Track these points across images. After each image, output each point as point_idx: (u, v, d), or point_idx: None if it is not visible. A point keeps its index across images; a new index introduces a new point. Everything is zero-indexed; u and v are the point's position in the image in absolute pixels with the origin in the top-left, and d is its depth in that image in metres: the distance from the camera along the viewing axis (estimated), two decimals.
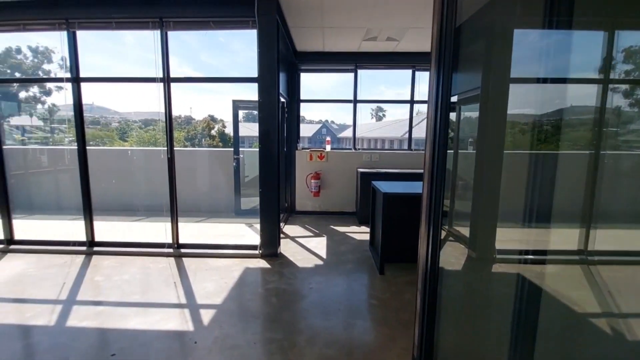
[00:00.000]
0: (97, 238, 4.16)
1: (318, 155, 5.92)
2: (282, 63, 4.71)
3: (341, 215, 6.02)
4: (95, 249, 4.06)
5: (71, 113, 3.97)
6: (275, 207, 3.93)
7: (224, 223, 5.51)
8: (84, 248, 4.06)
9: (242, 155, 5.92)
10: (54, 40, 3.62)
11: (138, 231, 5.09)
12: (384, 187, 3.61)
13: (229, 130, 6.91)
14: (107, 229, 5.08)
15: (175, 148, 4.00)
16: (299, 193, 6.04)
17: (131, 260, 3.87)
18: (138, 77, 3.95)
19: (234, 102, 5.67)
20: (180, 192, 4.08)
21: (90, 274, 3.49)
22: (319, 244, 4.49)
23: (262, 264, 3.79)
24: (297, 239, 4.72)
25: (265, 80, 3.73)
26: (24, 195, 6.41)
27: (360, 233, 5.00)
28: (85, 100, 3.99)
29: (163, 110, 3.87)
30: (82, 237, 4.08)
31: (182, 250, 4.02)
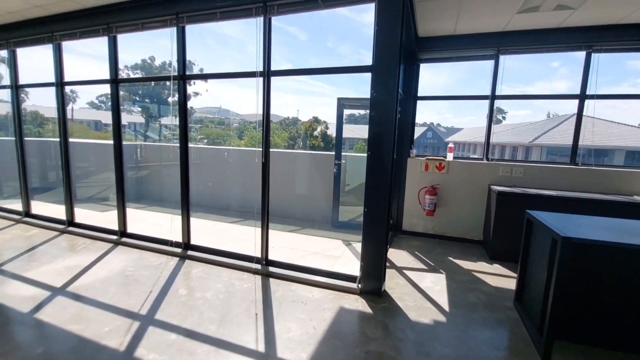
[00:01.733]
0: (193, 239, 4.00)
1: (436, 164, 4.75)
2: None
3: (462, 243, 4.71)
4: (189, 252, 3.88)
5: (204, 115, 3.87)
6: (383, 230, 3.03)
7: (318, 236, 4.88)
8: (179, 250, 3.94)
9: (344, 161, 5.21)
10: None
11: (230, 235, 4.87)
12: (561, 225, 2.31)
13: (332, 131, 6.36)
14: (203, 228, 5.04)
15: (272, 150, 3.51)
16: (408, 209, 4.98)
17: (218, 272, 3.52)
18: (238, 72, 3.59)
19: (340, 100, 4.98)
20: (275, 196, 3.59)
21: (177, 283, 3.23)
22: (436, 284, 3.38)
23: (362, 305, 2.93)
24: (405, 271, 3.71)
25: (382, 69, 2.86)
26: (150, 188, 7.11)
27: (496, 275, 3.66)
28: (214, 103, 3.86)
29: (261, 109, 3.40)
30: (180, 237, 3.96)
31: (270, 269, 3.49)
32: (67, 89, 4.53)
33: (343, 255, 4.09)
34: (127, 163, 7.12)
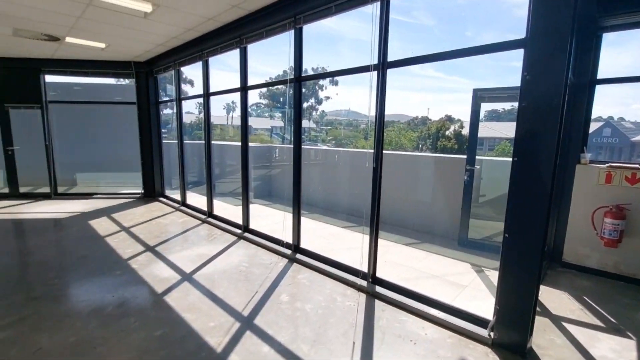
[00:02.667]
0: (303, 241, 3.95)
1: (627, 175, 3.30)
2: None
3: None
4: (298, 255, 3.84)
5: (334, 117, 3.87)
6: (534, 262, 2.16)
7: (439, 255, 4.12)
8: (289, 252, 3.94)
9: (478, 167, 4.25)
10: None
11: (339, 241, 4.64)
12: None
13: (467, 130, 5.38)
14: (314, 229, 4.99)
15: (390, 152, 3.06)
16: (573, 234, 3.66)
17: (322, 281, 3.31)
18: (350, 68, 3.27)
19: (476, 92, 4.07)
20: (390, 203, 3.13)
21: (281, 287, 3.18)
22: (620, 356, 2.25)
23: None
24: (565, 323, 2.65)
25: (540, 42, 2.03)
26: (277, 186, 7.69)
27: None
28: (342, 106, 3.78)
29: (374, 106, 2.99)
30: (291, 238, 3.97)
31: (377, 289, 3.05)
32: (229, 99, 5.24)
33: (471, 285, 3.27)
34: (262, 162, 7.90)
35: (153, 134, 6.86)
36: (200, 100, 5.40)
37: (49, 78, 6.63)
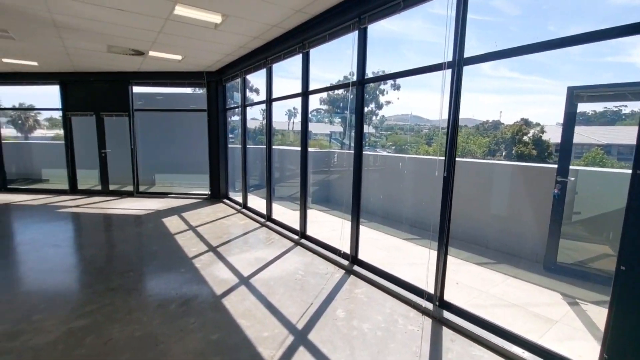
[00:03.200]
0: (361, 252, 3.73)
1: None
2: None
3: None
4: (355, 267, 3.63)
5: (395, 122, 3.70)
6: None
7: (520, 280, 3.56)
8: (346, 263, 3.76)
9: (572, 179, 3.59)
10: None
11: (402, 255, 4.30)
12: None
13: (548, 136, 4.62)
14: (373, 240, 4.71)
15: (461, 159, 2.72)
16: None
17: (382, 298, 3.06)
18: (419, 67, 2.98)
19: (572, 90, 3.45)
20: (461, 215, 2.77)
21: (337, 301, 3.00)
22: None
23: None
24: None
25: None
26: (335, 192, 7.57)
27: None
28: (403, 110, 3.60)
29: (447, 109, 2.67)
30: (349, 247, 3.78)
31: (445, 314, 2.70)
32: (290, 106, 5.33)
33: (564, 321, 2.72)
34: (321, 167, 7.88)
35: (220, 138, 7.26)
36: (264, 106, 5.54)
37: (136, 89, 7.45)
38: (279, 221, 5.31)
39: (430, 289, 2.87)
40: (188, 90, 8.35)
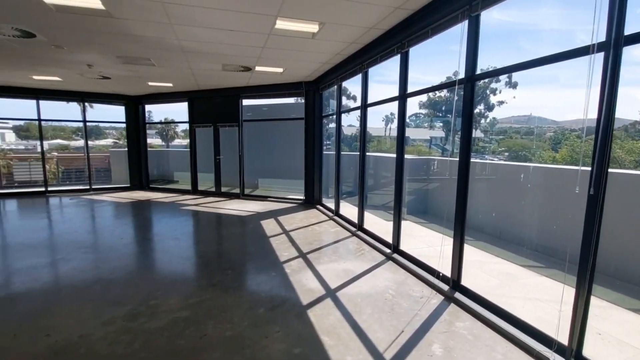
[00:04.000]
0: (465, 277, 3.19)
1: None
2: None
3: None
4: (457, 295, 3.11)
5: (509, 125, 3.19)
6: None
7: None
8: (445, 287, 3.26)
9: None
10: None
11: (519, 285, 3.52)
12: None
13: None
14: (481, 263, 4.01)
15: (613, 170, 2.03)
16: None
17: (492, 339, 2.51)
18: (555, 54, 2.34)
19: None
20: (606, 242, 2.06)
21: (432, 334, 2.59)
22: None
23: None
24: None
25: None
26: (434, 203, 6.89)
27: None
28: (521, 112, 3.06)
29: (597, 104, 2.02)
30: (449, 269, 3.28)
31: None
32: (388, 111, 5.14)
33: None
34: (418, 175, 7.32)
35: (316, 145, 7.45)
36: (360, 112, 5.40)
37: (245, 102, 8.27)
38: (370, 232, 5.06)
39: (562, 338, 2.21)
40: (291, 100, 8.88)
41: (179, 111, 10.12)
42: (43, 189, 9.00)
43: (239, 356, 2.30)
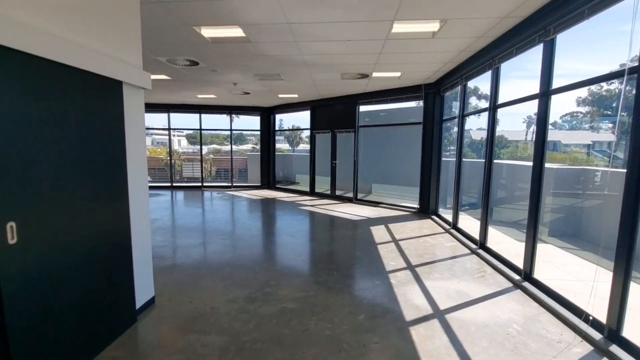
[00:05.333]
0: (626, 329, 2.40)
1: None
2: None
3: None
4: (614, 349, 2.36)
5: None
6: None
7: None
8: (597, 336, 2.52)
9: None
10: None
11: None
12: None
13: None
14: None
15: None
16: None
17: None
18: None
19: None
20: None
21: None
22: None
23: None
24: None
25: None
26: (590, 224, 5.46)
27: None
28: None
29: None
30: (605, 314, 2.53)
31: None
32: (531, 112, 4.45)
33: None
34: (570, 189, 5.96)
35: (434, 151, 6.95)
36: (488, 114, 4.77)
37: (362, 108, 8.43)
38: (494, 251, 4.38)
39: None
40: (411, 104, 8.58)
41: (303, 119, 11.14)
42: (200, 184, 11.32)
43: (335, 358, 2.33)
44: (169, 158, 11.54)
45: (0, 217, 1.66)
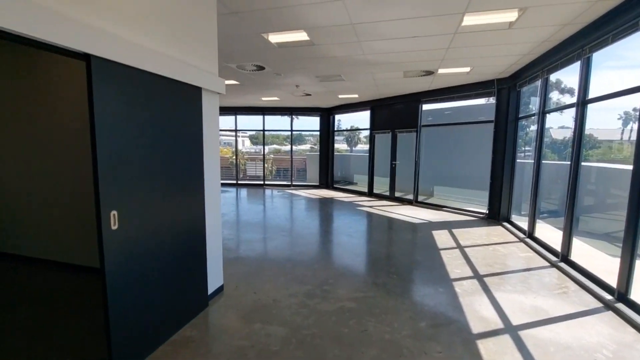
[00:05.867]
0: None
1: None
2: None
3: None
4: None
5: None
6: None
7: None
8: None
9: None
10: None
11: None
12: None
13: None
14: None
15: None
16: None
17: None
18: None
19: None
20: None
21: None
22: None
23: None
24: None
25: None
26: None
27: None
28: None
29: None
30: None
31: None
32: (629, 106, 3.90)
33: None
34: None
35: (507, 152, 6.37)
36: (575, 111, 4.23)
37: (425, 106, 8.08)
38: (580, 266, 3.87)
39: None
40: (481, 101, 8.00)
41: (362, 119, 11.07)
42: (261, 182, 11.92)
43: None
44: (234, 157, 12.38)
45: (106, 207, 1.95)
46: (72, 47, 1.73)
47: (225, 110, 11.19)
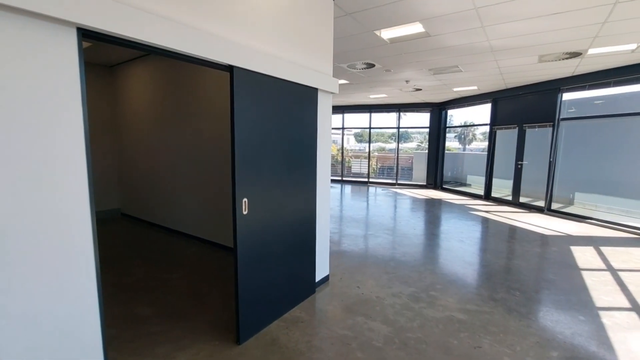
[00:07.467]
0: None
1: None
2: None
3: None
4: None
5: None
6: None
7: None
8: None
9: None
10: None
11: None
12: None
13: None
14: None
15: None
16: None
17: None
18: None
19: None
20: None
21: None
22: None
23: None
24: None
25: None
26: None
27: None
28: None
29: None
30: None
31: None
32: None
33: None
34: None
35: None
36: None
37: (566, 96, 6.71)
38: None
39: None
40: None
41: (479, 114, 9.94)
42: (366, 179, 11.98)
43: None
44: (340, 155, 12.79)
45: (240, 195, 2.28)
46: (219, 61, 2.08)
47: (334, 109, 11.67)
